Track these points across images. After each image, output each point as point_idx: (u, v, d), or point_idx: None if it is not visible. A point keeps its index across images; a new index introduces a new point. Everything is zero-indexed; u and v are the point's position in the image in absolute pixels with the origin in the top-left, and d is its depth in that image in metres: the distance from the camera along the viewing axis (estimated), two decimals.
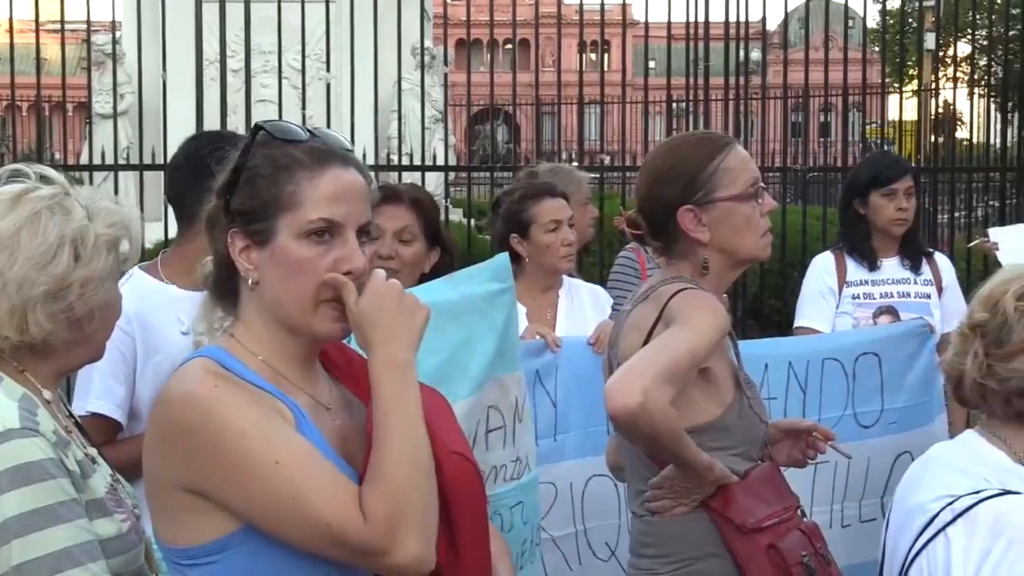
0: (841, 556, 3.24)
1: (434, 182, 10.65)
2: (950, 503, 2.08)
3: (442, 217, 9.31)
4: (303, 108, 8.91)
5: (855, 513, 4.38)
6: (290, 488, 1.93)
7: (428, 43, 15.34)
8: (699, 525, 2.93)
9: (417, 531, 1.92)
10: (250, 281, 2.09)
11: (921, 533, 2.10)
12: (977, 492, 2.07)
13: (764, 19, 10.59)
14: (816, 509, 4.08)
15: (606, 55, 18.31)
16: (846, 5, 11.35)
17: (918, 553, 2.10)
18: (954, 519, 2.05)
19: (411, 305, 2.06)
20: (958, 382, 2.33)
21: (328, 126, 8.66)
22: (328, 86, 9.23)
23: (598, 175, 10.01)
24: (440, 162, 10.49)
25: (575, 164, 10.01)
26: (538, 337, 4.18)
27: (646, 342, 2.87)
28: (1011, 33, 11.97)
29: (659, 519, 2.96)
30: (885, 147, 13.93)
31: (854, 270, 5.24)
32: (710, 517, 2.92)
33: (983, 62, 14.34)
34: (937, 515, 2.08)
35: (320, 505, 1.93)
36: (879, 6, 29.80)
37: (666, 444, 2.79)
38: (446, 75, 11.63)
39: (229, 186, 2.09)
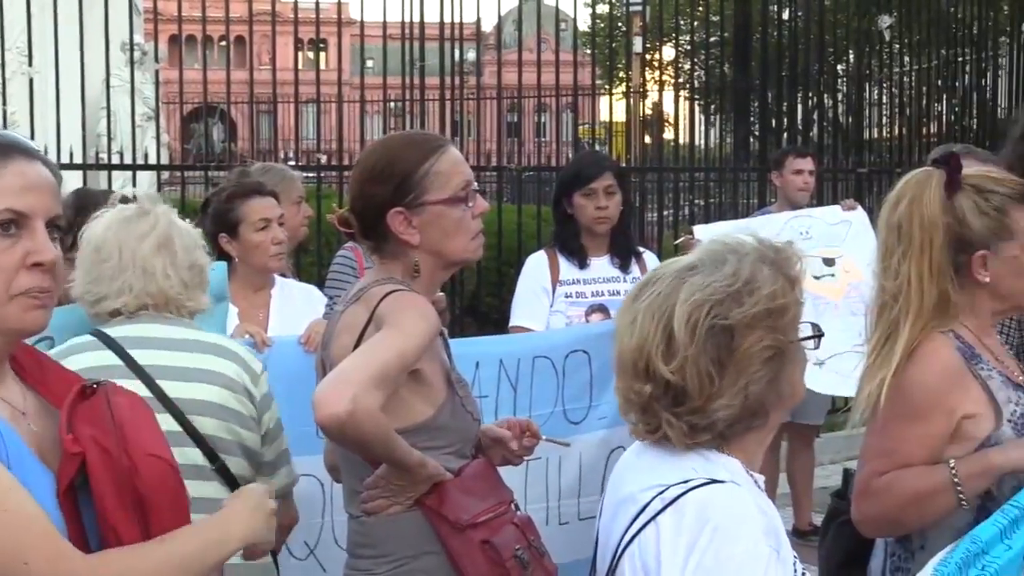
0: (561, 554, 3.30)
1: (147, 181, 10.35)
2: (660, 493, 2.13)
3: None
4: (3, 104, 8.52)
5: (574, 511, 4.45)
6: None
7: (139, 38, 14.90)
8: (414, 523, 2.95)
9: None
10: None
11: (632, 523, 2.15)
12: (686, 482, 2.12)
13: (479, 20, 10.76)
14: (531, 507, 4.12)
15: (323, 53, 18.18)
16: (557, 8, 11.60)
17: (629, 542, 2.15)
18: (664, 508, 2.11)
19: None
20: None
21: (31, 123, 8.39)
22: (31, 81, 8.83)
23: (315, 174, 9.95)
24: (152, 161, 10.19)
25: (292, 163, 9.92)
26: (247, 336, 4.13)
27: (358, 344, 2.87)
28: (713, 39, 12.49)
29: (375, 519, 2.96)
30: (597, 147, 14.31)
31: (566, 269, 5.32)
32: (425, 515, 2.94)
33: (688, 66, 14.88)
34: (648, 505, 2.14)
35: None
36: (590, 10, 30.68)
37: (376, 449, 2.80)
38: (157, 71, 11.31)
39: None
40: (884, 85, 12.81)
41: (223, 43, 9.58)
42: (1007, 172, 3.78)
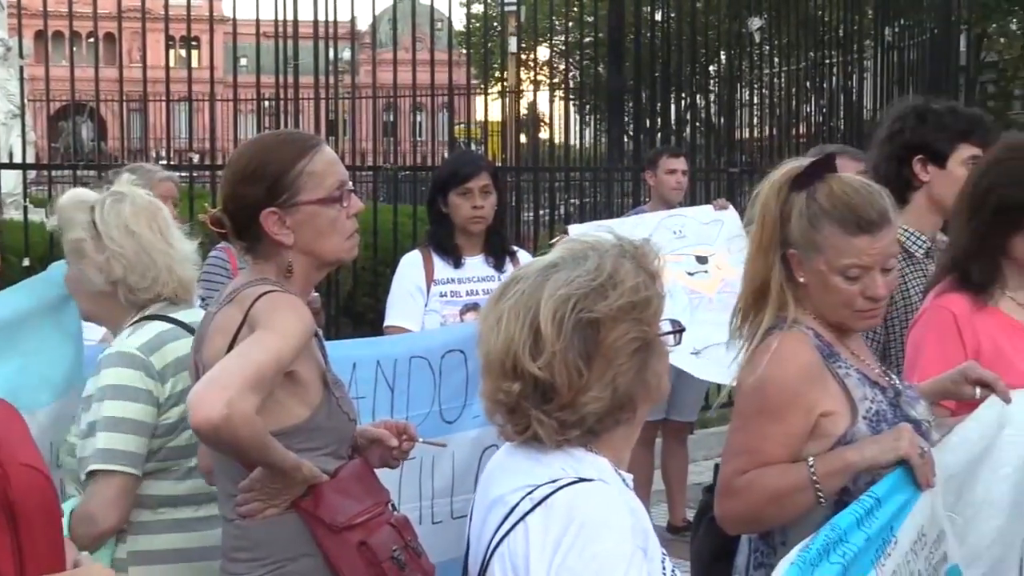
0: (435, 553, 3.29)
1: (12, 181, 10.13)
2: (529, 493, 2.14)
3: (21, 217, 8.89)
4: None
5: (447, 509, 4.45)
6: None
7: (2, 34, 14.57)
8: (291, 526, 2.92)
9: None
10: None
11: (502, 524, 2.16)
12: (554, 481, 2.14)
13: (353, 19, 10.70)
14: (405, 507, 4.11)
15: (195, 51, 17.93)
16: (432, 7, 11.62)
17: (499, 543, 2.15)
18: (533, 508, 2.12)
19: None
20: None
21: None
22: None
23: (187, 173, 9.81)
24: (18, 159, 9.96)
25: (164, 162, 9.78)
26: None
27: (231, 346, 2.84)
28: (587, 39, 12.59)
29: (250, 522, 2.93)
30: (473, 147, 14.34)
31: (441, 268, 5.32)
32: (301, 517, 2.93)
33: (563, 66, 14.98)
34: (517, 505, 2.14)
35: None
36: (465, 9, 30.71)
37: (252, 453, 2.78)
38: (22, 68, 11.03)
39: None
40: (755, 86, 13.03)
41: (91, 40, 9.36)
42: (873, 176, 3.89)
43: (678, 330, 2.32)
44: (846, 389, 2.87)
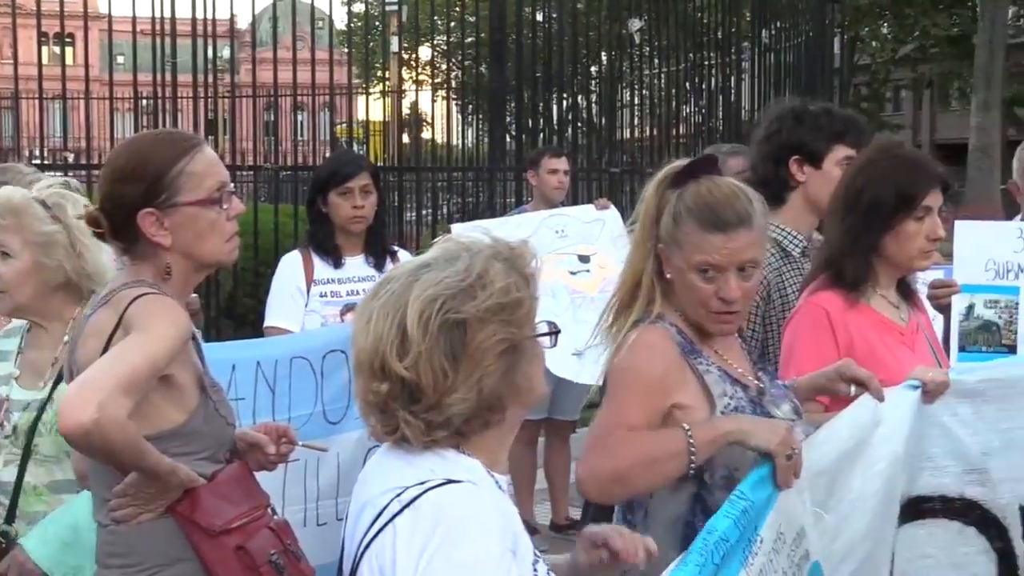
0: (320, 554, 3.28)
1: None
2: (398, 495, 2.14)
3: None
4: None
5: (332, 511, 4.42)
6: None
7: None
8: (166, 531, 2.88)
9: None
10: None
11: (371, 526, 2.15)
12: (423, 483, 2.13)
13: (232, 17, 10.58)
14: (290, 509, 4.09)
15: (69, 48, 17.59)
16: (313, 6, 11.53)
17: (368, 546, 2.15)
18: (401, 510, 2.11)
19: None
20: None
21: None
22: None
23: (62, 173, 9.61)
24: None
25: (37, 162, 9.57)
26: None
27: (106, 349, 2.79)
28: (469, 39, 12.60)
29: (124, 528, 2.88)
30: (355, 147, 14.25)
31: (321, 268, 5.30)
32: (177, 522, 2.88)
33: (445, 66, 14.97)
34: (386, 507, 2.14)
35: None
36: (347, 8, 30.56)
37: (124, 457, 2.72)
38: None
39: None
40: (635, 87, 13.15)
41: None
42: (751, 175, 3.96)
43: (553, 332, 2.32)
44: (705, 385, 2.92)
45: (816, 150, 4.05)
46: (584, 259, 7.07)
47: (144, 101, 11.09)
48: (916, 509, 3.14)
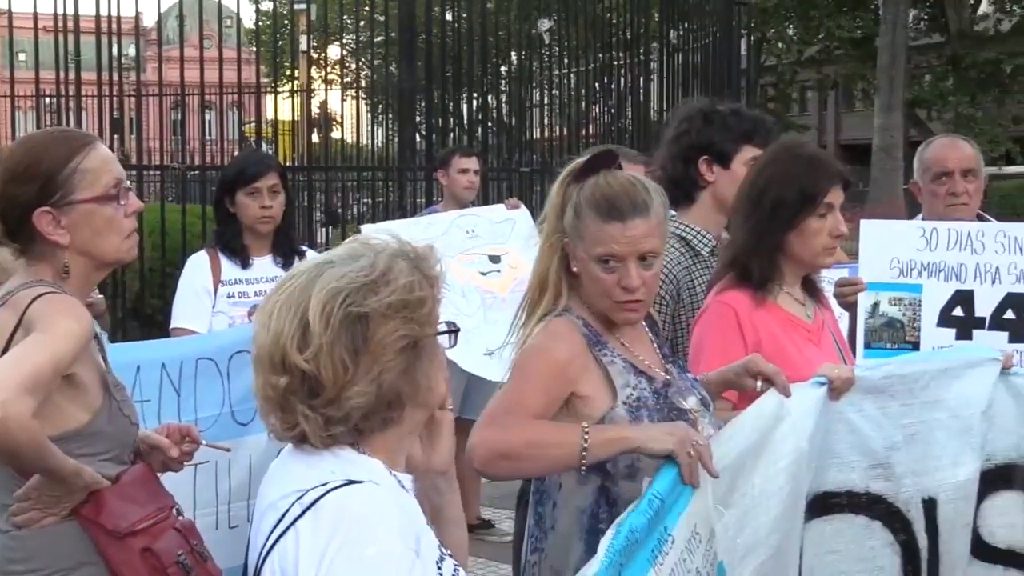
0: (232, 557, 3.25)
1: None
2: (299, 497, 2.13)
3: None
4: None
5: (243, 513, 4.39)
6: None
7: None
8: (71, 534, 2.85)
9: None
10: None
11: (273, 530, 2.14)
12: (324, 484, 2.12)
13: (138, 14, 10.42)
14: (201, 512, 4.06)
15: None
16: (220, 4, 11.42)
17: (270, 550, 2.13)
18: (303, 513, 2.10)
19: None
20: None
21: None
22: None
23: None
24: None
25: None
26: None
27: (5, 350, 2.74)
28: (379, 38, 12.56)
29: (27, 532, 2.84)
30: (264, 146, 14.15)
31: (228, 268, 5.26)
32: (82, 525, 2.85)
33: (355, 66, 14.92)
34: (288, 510, 2.12)
35: None
36: (255, 6, 30.30)
37: (28, 458, 2.68)
38: None
39: None
40: (546, 87, 13.20)
41: None
42: (661, 175, 4.00)
43: (452, 331, 2.33)
44: (608, 375, 2.97)
45: (724, 150, 4.09)
46: (495, 259, 7.08)
47: (47, 99, 10.93)
48: (824, 504, 3.18)
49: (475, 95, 12.29)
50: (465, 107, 12.09)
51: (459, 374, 6.37)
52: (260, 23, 16.01)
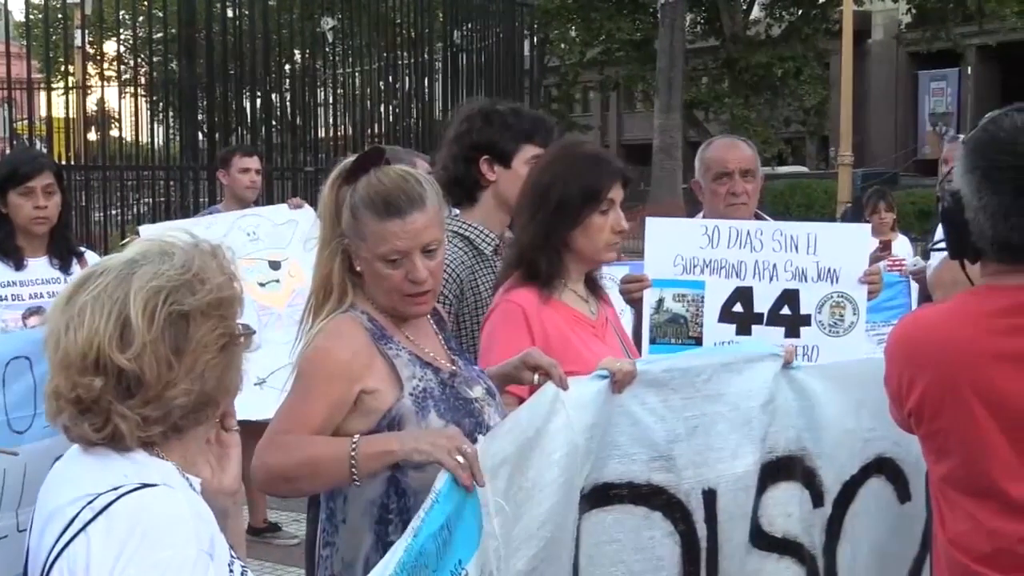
0: (3, 569, 3.14)
1: None
2: (90, 502, 2.07)
3: None
4: None
5: (12, 523, 4.25)
6: None
7: None
8: None
9: None
10: None
11: (61, 535, 2.08)
12: (116, 488, 2.08)
13: None
14: None
15: None
16: None
17: (57, 557, 2.07)
18: (95, 517, 2.05)
19: None
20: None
21: None
22: None
23: None
24: None
25: None
26: None
27: None
28: (158, 35, 12.28)
29: None
30: (37, 144, 13.68)
31: (1, 271, 5.10)
32: None
33: (133, 62, 14.53)
34: (78, 515, 2.07)
35: None
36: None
37: None
38: None
39: None
40: (330, 86, 13.11)
41: None
42: (442, 175, 4.01)
43: (249, 332, 2.31)
44: (394, 368, 2.98)
45: (505, 150, 4.13)
46: (275, 265, 7.01)
47: None
48: (604, 495, 3.24)
49: (258, 93, 12.11)
50: (248, 105, 11.90)
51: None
52: (31, 16, 15.43)
